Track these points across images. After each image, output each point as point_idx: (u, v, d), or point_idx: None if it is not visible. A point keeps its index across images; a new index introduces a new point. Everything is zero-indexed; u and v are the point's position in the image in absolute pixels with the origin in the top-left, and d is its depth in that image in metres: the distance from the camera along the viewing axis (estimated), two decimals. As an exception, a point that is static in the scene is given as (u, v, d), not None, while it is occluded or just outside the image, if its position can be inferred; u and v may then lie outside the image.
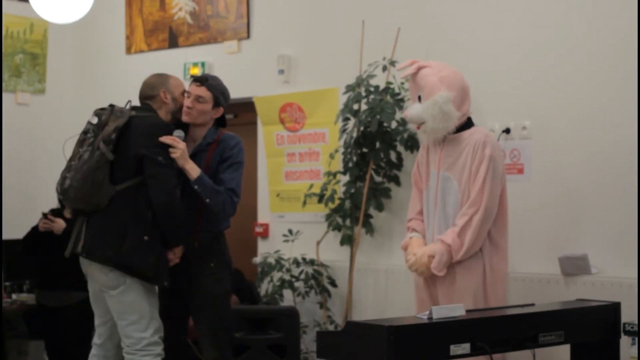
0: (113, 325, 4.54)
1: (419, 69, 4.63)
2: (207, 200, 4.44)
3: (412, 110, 4.65)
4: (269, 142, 6.47)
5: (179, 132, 4.46)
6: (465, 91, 4.61)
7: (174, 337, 4.62)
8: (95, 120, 4.50)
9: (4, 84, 7.04)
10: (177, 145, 4.38)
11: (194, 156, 4.50)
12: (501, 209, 4.58)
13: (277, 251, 6.14)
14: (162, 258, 4.44)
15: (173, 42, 6.99)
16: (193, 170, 4.41)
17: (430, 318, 3.33)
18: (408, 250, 4.70)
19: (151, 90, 4.58)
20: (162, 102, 4.55)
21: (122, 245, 4.34)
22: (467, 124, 4.63)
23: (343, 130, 5.77)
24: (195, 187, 4.42)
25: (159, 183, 4.36)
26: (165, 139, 4.38)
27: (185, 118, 4.52)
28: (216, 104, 4.52)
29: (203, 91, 4.50)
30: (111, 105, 4.57)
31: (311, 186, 6.08)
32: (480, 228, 4.45)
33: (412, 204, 4.86)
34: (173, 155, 4.37)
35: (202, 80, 4.53)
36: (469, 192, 4.51)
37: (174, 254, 4.50)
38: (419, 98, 4.62)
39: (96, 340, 4.63)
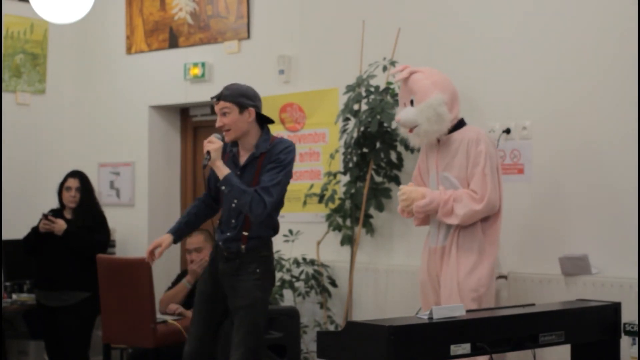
0: None
1: (411, 73, 4.68)
2: (235, 201, 4.38)
3: (406, 114, 4.68)
4: (269, 142, 6.46)
5: (217, 135, 4.42)
6: (455, 95, 4.70)
7: (208, 341, 4.56)
8: None
9: (4, 84, 7.04)
10: (214, 141, 4.35)
11: (246, 166, 4.45)
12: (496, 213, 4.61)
13: (277, 251, 6.12)
14: None
15: (173, 42, 6.99)
16: (222, 169, 4.36)
17: (430, 318, 3.32)
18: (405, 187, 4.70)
19: None
20: None
21: None
22: (459, 125, 4.68)
23: (343, 131, 5.77)
24: (222, 188, 4.38)
25: None
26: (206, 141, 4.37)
27: (227, 139, 4.45)
28: (241, 107, 4.44)
29: (222, 105, 4.43)
30: None
31: (311, 186, 6.08)
32: (474, 215, 4.50)
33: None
34: (210, 147, 4.33)
35: (217, 96, 4.47)
36: (469, 186, 4.55)
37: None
38: (412, 102, 4.67)
39: None
